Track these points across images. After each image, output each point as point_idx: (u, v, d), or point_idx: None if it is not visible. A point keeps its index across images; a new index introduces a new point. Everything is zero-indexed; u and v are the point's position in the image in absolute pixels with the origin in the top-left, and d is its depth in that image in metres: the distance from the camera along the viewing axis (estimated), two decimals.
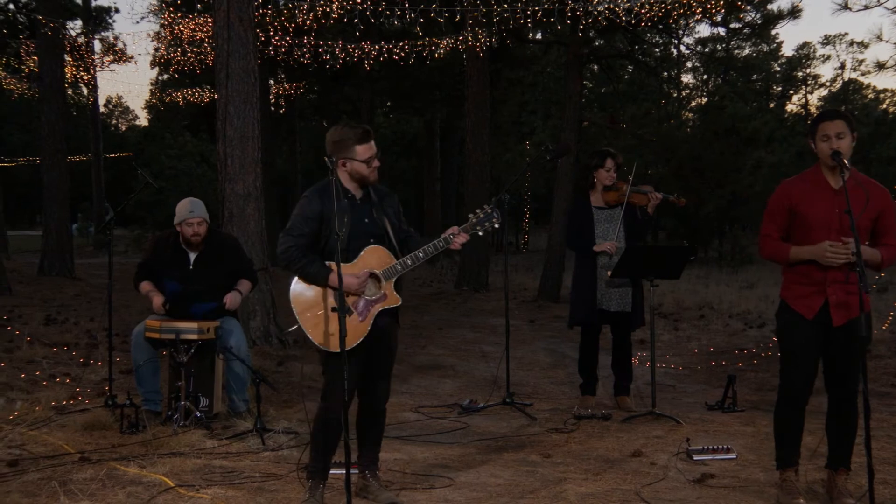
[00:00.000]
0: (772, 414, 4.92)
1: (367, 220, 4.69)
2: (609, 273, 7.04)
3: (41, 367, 8.69)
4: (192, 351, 6.39)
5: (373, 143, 4.66)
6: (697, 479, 5.19)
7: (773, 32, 51.04)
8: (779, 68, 58.59)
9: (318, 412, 4.70)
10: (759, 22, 25.73)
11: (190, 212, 6.69)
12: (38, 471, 5.28)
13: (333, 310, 4.47)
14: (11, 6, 33.89)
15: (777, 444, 4.88)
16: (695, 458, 5.64)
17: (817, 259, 4.55)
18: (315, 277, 4.52)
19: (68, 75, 23.58)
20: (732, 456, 5.69)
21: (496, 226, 4.71)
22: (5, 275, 15.87)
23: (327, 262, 4.53)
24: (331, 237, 4.56)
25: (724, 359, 9.95)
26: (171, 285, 6.67)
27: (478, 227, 4.69)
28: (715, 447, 5.78)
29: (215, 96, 10.70)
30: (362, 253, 4.61)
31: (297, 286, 4.60)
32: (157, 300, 6.66)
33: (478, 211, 4.71)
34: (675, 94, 43.84)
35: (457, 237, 4.64)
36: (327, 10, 16.20)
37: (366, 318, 4.60)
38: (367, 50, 18.24)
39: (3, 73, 25.58)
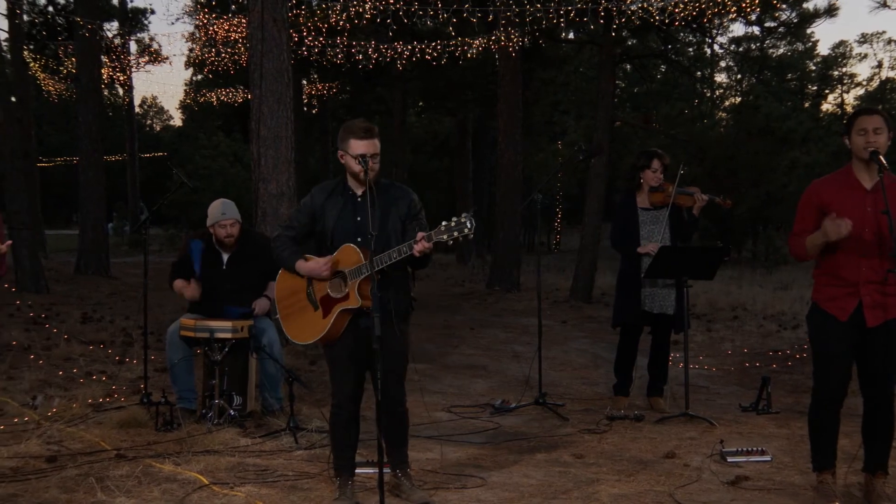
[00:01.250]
0: (807, 416, 4.87)
1: (359, 219, 4.66)
2: (643, 273, 7.01)
3: (78, 364, 8.81)
4: (226, 349, 6.45)
5: (373, 142, 4.58)
6: (731, 482, 5.15)
7: (809, 31, 50.55)
8: (814, 67, 57.97)
9: (330, 413, 4.84)
10: (795, 21, 25.51)
11: (222, 213, 6.75)
12: (75, 467, 5.35)
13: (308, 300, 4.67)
14: (51, 8, 34.33)
15: (813, 446, 4.83)
16: (729, 460, 5.59)
17: (827, 238, 4.46)
18: (285, 262, 4.71)
19: (105, 76, 23.85)
20: (767, 458, 5.63)
21: (469, 235, 4.40)
22: (43, 274, 16.08)
23: (308, 255, 4.67)
24: (322, 232, 4.70)
25: (758, 360, 9.87)
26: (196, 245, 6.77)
27: (444, 235, 4.39)
28: (749, 449, 5.73)
29: (249, 96, 10.77)
30: (338, 251, 4.61)
31: (280, 275, 4.81)
32: (190, 290, 6.71)
33: (452, 219, 4.45)
34: (708, 94, 43.55)
35: (417, 244, 4.40)
36: (360, 10, 16.25)
37: (328, 315, 4.60)
38: (399, 50, 18.26)
39: (43, 75, 25.91)
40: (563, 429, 6.66)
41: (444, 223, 4.39)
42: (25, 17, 29.80)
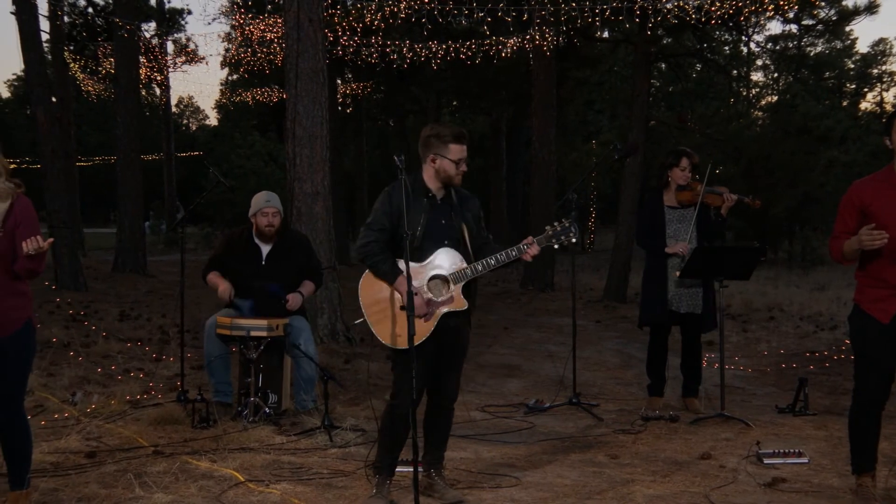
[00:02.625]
0: (845, 418, 4.82)
1: (443, 222, 4.70)
2: (677, 273, 6.96)
3: (116, 361, 8.92)
4: (262, 348, 6.50)
5: (465, 147, 4.70)
6: (768, 483, 5.10)
7: (848, 29, 49.89)
8: (853, 65, 57.20)
9: (385, 408, 4.77)
10: (834, 18, 25.22)
11: (266, 201, 6.84)
12: (114, 463, 5.42)
13: (402, 308, 4.50)
14: (90, 10, 34.75)
15: (852, 449, 4.78)
16: (765, 462, 5.54)
17: (861, 247, 4.43)
18: (384, 276, 4.60)
19: (143, 76, 24.09)
20: (805, 460, 5.57)
21: (573, 240, 4.67)
22: (82, 271, 16.28)
23: (399, 261, 4.60)
24: (405, 233, 4.60)
25: (795, 361, 9.77)
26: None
27: (553, 240, 4.67)
28: (786, 451, 5.67)
29: (284, 96, 10.85)
30: (434, 254, 4.64)
31: (366, 280, 4.68)
32: (223, 286, 6.76)
33: (555, 223, 4.67)
34: (744, 93, 43.14)
35: (530, 248, 4.63)
36: (395, 9, 16.29)
37: (430, 319, 4.62)
38: (434, 49, 18.28)
39: (82, 76, 26.24)
40: (597, 429, 6.64)
41: (548, 227, 4.62)
42: (66, 19, 30.20)
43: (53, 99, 18.05)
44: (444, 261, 4.64)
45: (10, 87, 64.89)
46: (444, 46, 18.36)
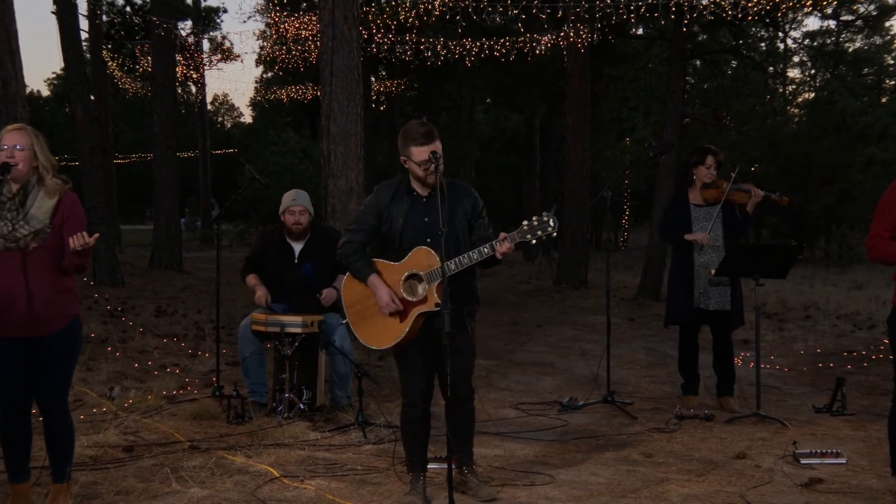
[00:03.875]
0: (884, 419, 4.78)
1: (426, 220, 4.64)
2: (713, 271, 6.91)
3: (153, 357, 9.02)
4: (296, 344, 6.53)
5: (435, 144, 4.54)
6: (805, 484, 5.05)
7: (888, 24, 49.21)
8: (893, 61, 56.40)
9: (401, 411, 4.85)
10: (874, 14, 24.89)
11: (293, 200, 6.87)
12: (151, 457, 5.48)
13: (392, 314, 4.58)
14: (128, 9, 35.11)
15: (892, 450, 4.72)
16: (802, 462, 5.49)
17: None
18: (357, 273, 4.67)
19: (179, 74, 24.30)
20: (843, 461, 5.51)
21: (552, 234, 4.43)
22: (119, 267, 16.49)
23: (374, 260, 4.66)
24: (388, 234, 4.66)
25: (832, 361, 9.67)
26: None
27: (528, 235, 4.44)
28: (824, 451, 5.61)
29: (318, 93, 10.89)
30: (411, 254, 4.60)
31: (347, 280, 4.77)
32: (260, 293, 6.83)
33: (533, 218, 4.48)
34: (780, 90, 42.71)
35: (501, 244, 4.43)
36: (429, 7, 16.31)
37: (405, 319, 4.59)
38: (468, 47, 18.28)
39: (120, 74, 26.52)
40: (631, 427, 6.61)
41: (525, 222, 4.41)
42: (104, 18, 30.51)
43: (92, 97, 18.26)
44: (420, 260, 4.57)
45: (50, 85, 65.67)
46: (478, 44, 18.35)
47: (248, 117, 73.45)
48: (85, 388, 7.27)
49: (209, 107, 55.30)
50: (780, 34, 35.63)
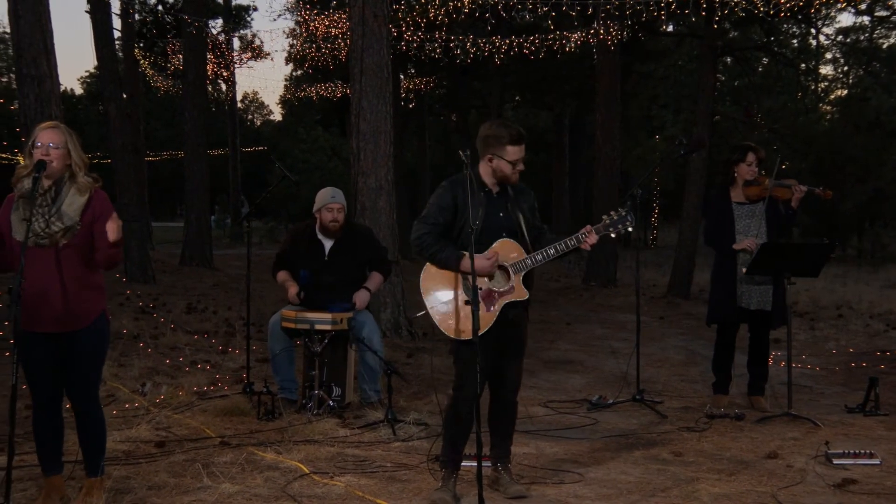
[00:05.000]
0: None
1: (501, 215, 4.73)
2: (744, 270, 6.87)
3: (184, 353, 9.08)
4: (326, 341, 6.56)
5: (524, 147, 4.72)
6: (838, 484, 5.00)
7: None
8: None
9: (448, 402, 4.79)
10: None
11: (332, 197, 6.91)
12: (182, 452, 5.52)
13: (466, 303, 4.52)
14: (160, 7, 35.38)
15: None
16: (835, 463, 5.44)
17: None
18: (446, 262, 4.63)
19: (209, 72, 24.45)
20: (876, 461, 5.45)
21: (629, 229, 4.68)
22: (150, 264, 16.63)
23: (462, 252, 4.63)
24: (464, 228, 4.64)
25: (865, 360, 9.56)
26: (304, 275, 6.84)
27: (610, 229, 4.70)
28: (857, 452, 5.55)
29: (348, 91, 10.93)
30: (493, 245, 4.66)
31: (427, 272, 4.71)
32: (293, 290, 6.87)
33: (612, 213, 4.71)
34: (812, 87, 42.25)
35: (588, 237, 4.65)
36: (458, 4, 16.30)
37: (492, 309, 4.64)
38: (497, 44, 18.25)
39: (151, 72, 26.72)
40: (661, 426, 6.58)
41: (605, 217, 4.65)
42: (137, 17, 30.77)
43: (124, 95, 18.44)
44: (504, 251, 4.66)
45: (83, 84, 66.28)
46: (507, 41, 18.32)
47: (277, 115, 73.74)
48: (117, 384, 7.34)
49: (239, 105, 55.63)
50: (813, 31, 35.21)
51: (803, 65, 37.89)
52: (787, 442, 6.05)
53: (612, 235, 4.74)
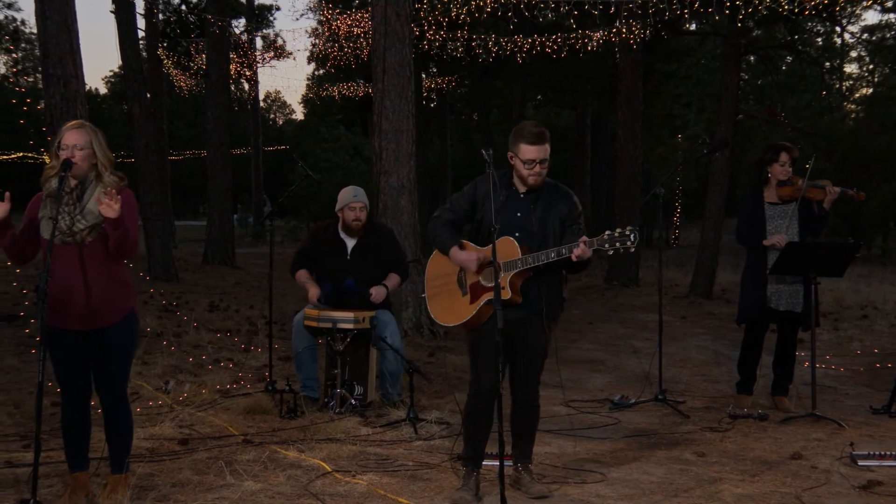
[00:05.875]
0: None
1: (519, 215, 4.70)
2: (768, 269, 6.83)
3: (206, 351, 9.14)
4: (348, 340, 6.58)
5: (544, 147, 4.63)
6: (863, 486, 4.97)
7: None
8: None
9: (466, 401, 4.81)
10: None
11: (354, 196, 6.93)
12: (205, 450, 5.56)
13: (459, 284, 4.72)
14: (184, 7, 35.56)
15: None
16: (860, 464, 5.40)
17: None
18: (441, 243, 4.74)
19: (232, 71, 24.56)
20: None
21: (630, 249, 4.41)
22: (173, 263, 16.72)
23: (464, 241, 4.70)
24: (482, 224, 4.68)
25: (890, 361, 9.48)
26: (326, 287, 6.86)
27: (606, 244, 4.41)
28: (882, 453, 5.49)
29: (370, 90, 10.95)
30: (495, 242, 4.62)
31: (433, 256, 4.86)
32: (313, 291, 6.88)
33: (616, 230, 4.46)
34: (837, 86, 41.93)
35: (576, 249, 4.41)
36: (481, 3, 16.28)
37: (476, 301, 4.65)
38: (519, 43, 18.22)
39: (175, 71, 26.87)
40: (683, 426, 6.56)
41: (607, 233, 4.43)
42: (160, 16, 30.96)
43: (148, 95, 18.56)
44: (500, 249, 4.57)
45: (108, 83, 66.76)
46: (529, 40, 18.28)
47: (299, 114, 73.98)
48: (141, 382, 7.39)
49: (261, 104, 55.84)
50: (838, 28, 34.95)
51: (828, 63, 37.62)
52: (812, 443, 6.01)
53: (609, 253, 4.46)
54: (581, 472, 5.25)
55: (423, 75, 28.29)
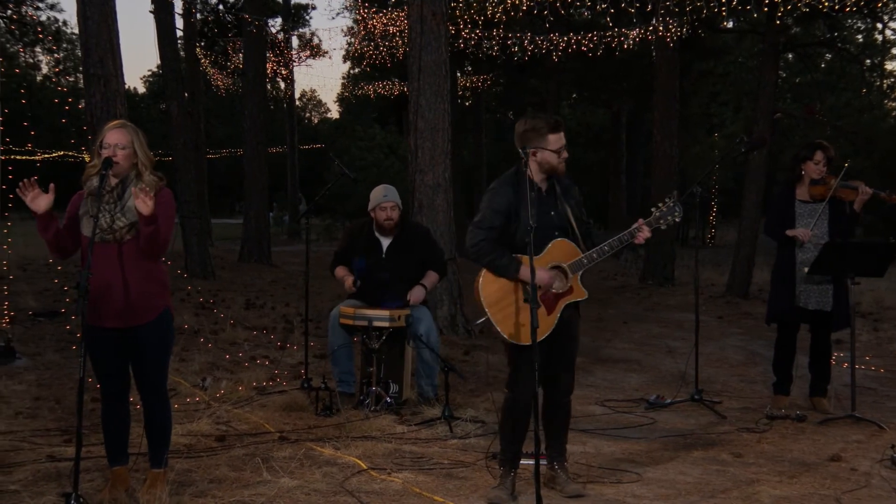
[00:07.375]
0: None
1: (552, 213, 4.73)
2: (806, 269, 6.76)
3: (243, 348, 9.22)
4: (384, 338, 6.61)
5: (563, 134, 4.69)
6: None
7: None
8: None
9: (504, 401, 4.80)
10: None
11: (384, 196, 6.95)
12: (242, 447, 5.61)
13: (525, 300, 4.51)
14: (221, 7, 35.84)
15: None
16: None
17: None
18: (505, 270, 4.59)
19: (269, 70, 24.72)
20: None
21: (678, 220, 4.68)
22: (210, 260, 16.87)
23: (516, 255, 4.60)
24: (519, 230, 4.63)
25: None
26: (360, 264, 6.90)
27: (661, 221, 4.70)
28: None
29: (405, 89, 10.98)
30: (549, 246, 4.65)
31: (485, 279, 4.66)
32: (349, 280, 6.93)
33: (660, 204, 4.70)
34: (878, 83, 41.37)
35: (640, 231, 4.64)
36: (516, 2, 16.27)
37: (553, 312, 4.64)
38: (555, 41, 18.18)
39: (212, 70, 27.10)
40: (720, 426, 6.51)
41: (654, 209, 4.65)
42: (198, 16, 31.23)
43: (185, 94, 18.73)
44: (559, 252, 4.65)
45: (146, 82, 67.44)
46: (564, 38, 18.24)
47: (335, 113, 74.25)
48: (178, 378, 7.46)
49: (297, 102, 56.10)
50: (879, 25, 34.49)
51: (868, 60, 37.14)
52: (851, 445, 5.94)
53: (663, 227, 4.77)
54: (616, 472, 5.24)
55: (459, 74, 28.29)
